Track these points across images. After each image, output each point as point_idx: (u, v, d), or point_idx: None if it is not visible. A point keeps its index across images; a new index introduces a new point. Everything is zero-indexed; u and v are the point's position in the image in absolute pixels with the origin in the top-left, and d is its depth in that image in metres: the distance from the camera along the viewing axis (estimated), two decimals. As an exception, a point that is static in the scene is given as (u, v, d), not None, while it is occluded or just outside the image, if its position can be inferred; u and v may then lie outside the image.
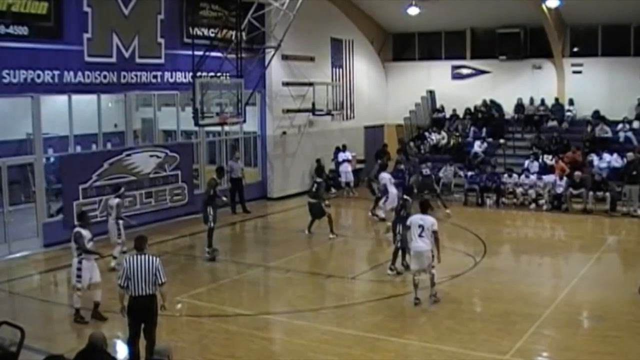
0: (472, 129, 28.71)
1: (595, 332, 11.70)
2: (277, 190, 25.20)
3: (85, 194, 18.43)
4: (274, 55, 23.40)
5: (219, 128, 22.79)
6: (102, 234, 18.54)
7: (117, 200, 16.18)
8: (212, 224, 17.05)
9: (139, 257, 9.84)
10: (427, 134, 29.49)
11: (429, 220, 13.20)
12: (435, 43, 31.08)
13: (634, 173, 21.82)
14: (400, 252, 15.23)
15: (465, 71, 30.32)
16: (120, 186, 17.19)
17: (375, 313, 12.81)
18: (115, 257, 15.56)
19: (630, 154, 22.70)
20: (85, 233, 12.40)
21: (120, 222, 16.07)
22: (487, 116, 28.97)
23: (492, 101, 28.99)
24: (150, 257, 9.85)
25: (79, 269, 12.25)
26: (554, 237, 20.13)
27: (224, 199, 18.68)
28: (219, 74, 21.19)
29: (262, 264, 16.84)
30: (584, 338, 11.51)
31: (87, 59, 18.44)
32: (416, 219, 13.31)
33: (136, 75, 19.88)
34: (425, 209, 13.67)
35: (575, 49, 28.25)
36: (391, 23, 30.79)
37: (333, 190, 26.56)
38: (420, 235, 13.06)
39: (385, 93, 31.84)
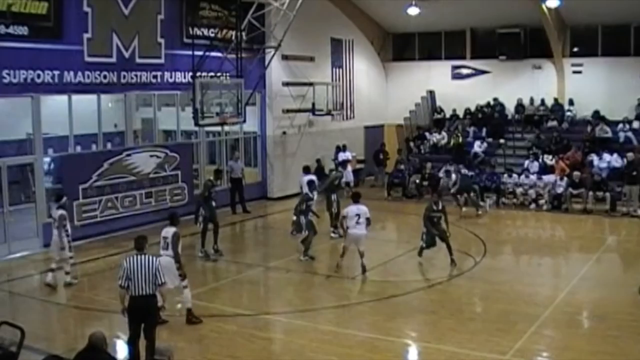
0: (472, 129, 28.73)
1: (595, 332, 11.71)
2: (277, 190, 25.19)
3: (85, 194, 18.44)
4: (274, 55, 23.41)
5: (219, 128, 22.78)
6: (102, 233, 18.72)
7: (60, 212, 14.49)
8: (201, 225, 17.06)
9: (139, 257, 9.83)
10: (427, 134, 29.51)
11: (363, 208, 15.05)
12: (435, 43, 31.09)
13: (634, 173, 21.81)
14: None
15: (465, 71, 30.34)
16: (62, 195, 15.39)
17: (375, 313, 12.81)
18: (68, 273, 14.54)
19: (630, 154, 22.68)
20: None
21: (64, 235, 14.50)
22: (487, 116, 29.01)
23: (495, 99, 28.99)
24: (151, 257, 9.83)
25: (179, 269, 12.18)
26: (554, 237, 20.15)
27: (213, 203, 18.27)
28: (219, 74, 21.20)
29: (262, 264, 16.84)
30: (584, 338, 11.51)
31: (87, 59, 18.44)
32: (353, 209, 15.09)
33: (136, 75, 19.88)
34: (357, 199, 15.45)
35: (575, 49, 28.26)
36: (391, 23, 30.81)
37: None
38: (357, 223, 14.95)
39: (385, 93, 31.85)
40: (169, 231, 12.19)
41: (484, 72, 29.84)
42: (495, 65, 29.26)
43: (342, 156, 26.37)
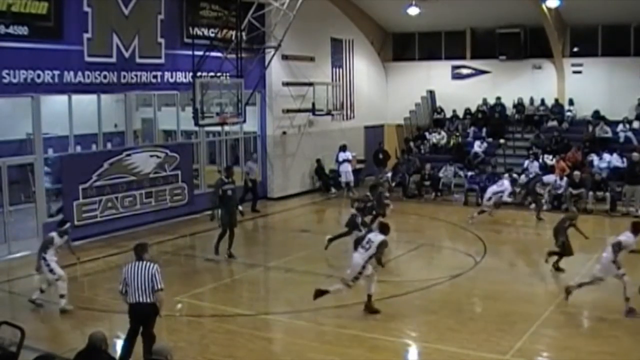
0: (472, 129, 28.74)
1: (596, 332, 11.71)
2: (277, 190, 25.18)
3: (85, 194, 18.44)
4: (274, 55, 23.41)
5: (219, 128, 22.77)
6: (102, 233, 18.71)
7: (51, 234, 13.39)
8: (225, 225, 16.68)
9: (137, 264, 9.83)
10: (427, 134, 29.52)
11: None
12: (435, 43, 31.08)
13: (637, 172, 21.73)
14: None
15: (465, 71, 30.33)
16: (67, 221, 14.11)
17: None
18: (62, 296, 13.03)
19: (635, 154, 22.40)
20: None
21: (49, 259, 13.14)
22: (487, 116, 29.02)
23: (497, 98, 28.97)
24: (148, 264, 9.79)
25: (364, 267, 12.38)
26: (552, 237, 20.09)
27: (240, 208, 17.91)
28: (219, 74, 21.19)
29: (262, 264, 16.83)
30: (584, 338, 11.51)
31: (87, 59, 18.44)
32: None
33: (136, 75, 19.88)
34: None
35: (575, 49, 28.25)
36: (391, 23, 30.81)
37: (333, 190, 26.60)
38: None
39: (385, 93, 31.84)
40: (377, 237, 12.43)
41: (484, 72, 29.83)
42: (496, 65, 29.25)
43: (342, 156, 26.45)
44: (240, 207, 17.74)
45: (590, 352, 10.66)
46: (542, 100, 28.36)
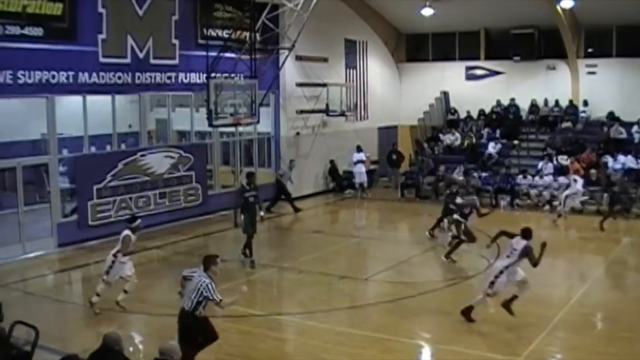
0: (486, 130, 28.65)
1: (610, 334, 11.66)
2: (291, 190, 25.14)
3: (99, 195, 18.52)
4: (287, 56, 23.42)
5: (232, 129, 22.84)
6: (116, 234, 18.73)
7: (125, 232, 13.30)
8: (249, 231, 16.50)
9: (197, 272, 9.86)
10: (441, 135, 29.47)
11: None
12: (449, 44, 31.04)
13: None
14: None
15: (479, 72, 30.26)
16: (137, 217, 14.04)
17: (387, 314, 12.81)
18: (98, 295, 12.97)
19: None
20: None
21: (121, 259, 13.08)
22: (501, 117, 28.95)
23: (511, 99, 28.93)
24: (201, 275, 9.73)
25: (501, 273, 12.10)
26: (568, 239, 20.04)
27: (261, 214, 17.68)
28: (232, 75, 21.23)
29: (275, 264, 16.83)
30: (597, 340, 11.46)
31: (102, 59, 18.51)
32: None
33: (150, 76, 19.95)
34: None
35: (590, 50, 28.14)
36: (405, 24, 30.78)
37: (349, 190, 26.63)
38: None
39: (399, 94, 31.83)
40: (520, 243, 12.17)
41: (498, 72, 29.75)
42: (510, 66, 29.17)
43: (356, 157, 26.46)
44: (262, 213, 17.35)
45: (605, 354, 10.61)
46: (557, 101, 28.23)
